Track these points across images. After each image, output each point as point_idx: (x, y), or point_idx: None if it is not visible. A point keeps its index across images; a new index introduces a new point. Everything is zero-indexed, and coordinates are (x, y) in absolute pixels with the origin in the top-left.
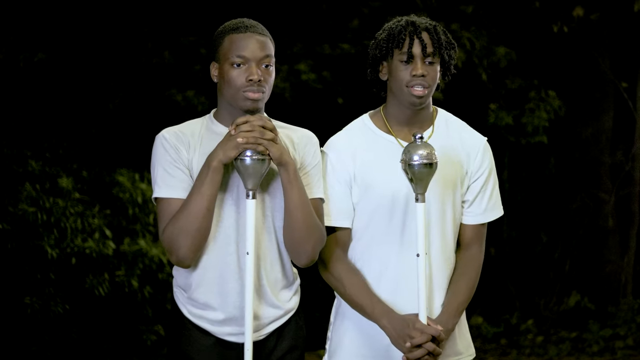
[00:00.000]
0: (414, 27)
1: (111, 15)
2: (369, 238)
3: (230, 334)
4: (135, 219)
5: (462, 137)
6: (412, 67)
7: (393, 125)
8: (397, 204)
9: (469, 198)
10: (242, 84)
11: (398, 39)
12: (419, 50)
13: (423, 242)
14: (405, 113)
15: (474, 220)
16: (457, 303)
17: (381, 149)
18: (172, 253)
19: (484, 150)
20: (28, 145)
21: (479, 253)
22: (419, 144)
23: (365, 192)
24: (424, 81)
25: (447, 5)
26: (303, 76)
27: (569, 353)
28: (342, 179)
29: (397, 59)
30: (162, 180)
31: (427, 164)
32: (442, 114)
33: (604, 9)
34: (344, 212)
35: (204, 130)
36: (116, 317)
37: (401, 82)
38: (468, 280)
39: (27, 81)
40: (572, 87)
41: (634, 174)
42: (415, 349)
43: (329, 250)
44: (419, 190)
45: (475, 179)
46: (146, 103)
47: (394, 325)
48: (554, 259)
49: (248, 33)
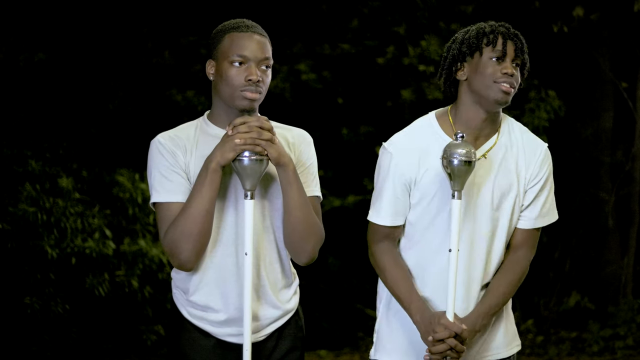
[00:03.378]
0: (506, 28)
1: (111, 16)
2: (425, 243)
3: (230, 335)
4: (135, 219)
5: (524, 144)
6: (503, 65)
7: (460, 128)
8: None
9: (524, 202)
10: (241, 83)
11: (490, 36)
12: (512, 50)
13: (456, 238)
14: (479, 115)
15: (526, 225)
16: (488, 304)
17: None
18: (174, 257)
19: (544, 157)
20: (28, 145)
21: (525, 258)
22: (459, 143)
23: (425, 196)
24: (512, 80)
25: (447, 5)
26: (303, 76)
27: (569, 353)
28: (403, 180)
29: (488, 56)
30: (160, 185)
31: (466, 162)
32: (506, 121)
33: (604, 9)
34: (399, 213)
35: (198, 133)
36: (116, 317)
37: (489, 78)
38: (507, 283)
39: (27, 81)
40: (572, 87)
41: (634, 174)
42: (438, 343)
43: (380, 243)
44: (457, 187)
45: (532, 184)
46: (146, 103)
47: (423, 320)
48: (554, 259)
49: (249, 33)
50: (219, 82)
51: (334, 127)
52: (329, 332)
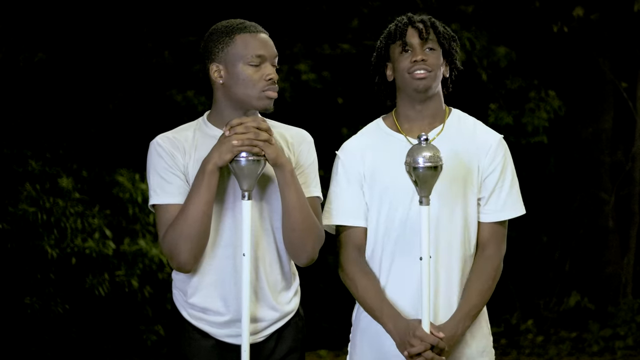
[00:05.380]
0: (409, 19)
1: (111, 15)
2: (381, 237)
3: (229, 336)
4: (135, 219)
5: (475, 135)
6: (412, 55)
7: (403, 124)
8: (406, 202)
9: (484, 195)
10: (262, 83)
11: (395, 34)
12: (415, 38)
13: (427, 245)
14: (413, 107)
15: (490, 218)
16: (467, 308)
17: (390, 148)
18: (173, 259)
19: (497, 146)
20: (28, 145)
21: (496, 254)
22: (423, 146)
23: (375, 192)
24: (425, 65)
25: (447, 5)
26: (303, 76)
27: (569, 353)
28: (353, 178)
29: (397, 51)
30: (159, 187)
31: (431, 167)
32: (455, 113)
33: (604, 9)
34: (355, 211)
35: (198, 134)
36: (116, 317)
37: (403, 71)
38: (481, 283)
39: (27, 81)
40: (572, 87)
41: (634, 174)
42: (415, 357)
43: (344, 250)
44: (424, 193)
45: (487, 174)
46: (146, 103)
47: (398, 330)
48: (554, 259)
49: (258, 32)
50: (232, 85)
51: (334, 127)
52: (329, 332)
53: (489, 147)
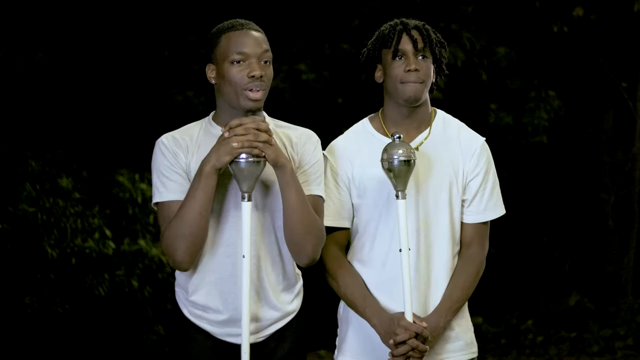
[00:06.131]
0: (403, 25)
1: (111, 15)
2: (368, 236)
3: (229, 335)
4: (135, 219)
5: (460, 137)
6: (405, 63)
7: (390, 127)
8: (392, 204)
9: (467, 197)
10: (244, 81)
11: (387, 38)
12: (410, 46)
13: (405, 237)
14: (401, 112)
15: (474, 219)
16: (450, 301)
17: (377, 150)
18: (170, 257)
19: (480, 150)
20: (28, 145)
21: (479, 253)
22: (397, 143)
23: (362, 194)
24: (418, 76)
25: (447, 5)
26: (303, 76)
27: (569, 353)
28: (341, 181)
29: (390, 57)
30: (162, 185)
31: (405, 162)
32: (440, 115)
33: (604, 9)
34: (342, 213)
35: (202, 133)
36: (116, 317)
37: (395, 80)
38: (464, 279)
39: (27, 81)
40: (572, 87)
41: (634, 174)
42: (400, 345)
43: (328, 249)
44: (399, 187)
45: (471, 177)
46: (146, 103)
47: (382, 323)
48: (554, 259)
49: (244, 30)
50: (222, 85)
51: (334, 127)
52: (329, 332)
53: (473, 151)
